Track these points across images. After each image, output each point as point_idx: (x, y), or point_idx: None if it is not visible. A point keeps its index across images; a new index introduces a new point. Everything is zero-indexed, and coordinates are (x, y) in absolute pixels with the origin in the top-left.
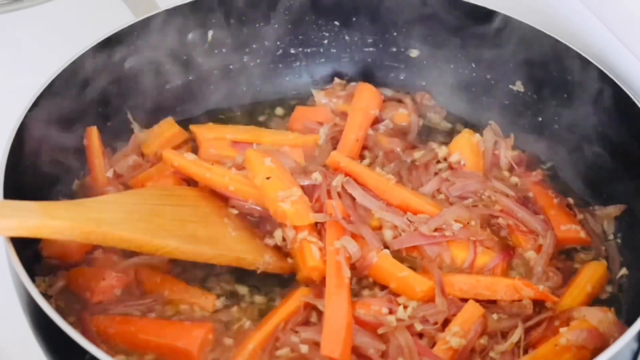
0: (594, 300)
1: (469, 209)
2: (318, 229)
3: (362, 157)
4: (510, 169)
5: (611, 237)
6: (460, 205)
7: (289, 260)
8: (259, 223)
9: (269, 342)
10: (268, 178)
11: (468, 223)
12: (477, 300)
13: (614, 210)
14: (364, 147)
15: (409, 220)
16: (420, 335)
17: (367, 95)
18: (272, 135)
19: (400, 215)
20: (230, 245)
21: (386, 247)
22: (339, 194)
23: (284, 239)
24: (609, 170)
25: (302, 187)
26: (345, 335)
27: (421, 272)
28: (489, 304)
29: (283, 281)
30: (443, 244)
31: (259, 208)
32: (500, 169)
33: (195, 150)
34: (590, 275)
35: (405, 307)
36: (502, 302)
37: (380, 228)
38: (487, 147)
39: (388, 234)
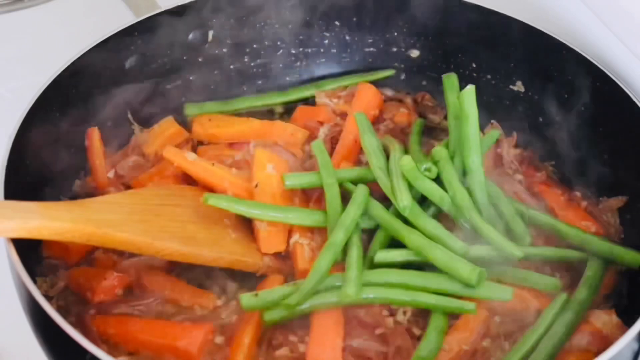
0: (596, 301)
1: None
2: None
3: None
4: (513, 168)
5: (614, 236)
6: None
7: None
8: None
9: (263, 339)
10: (256, 186)
11: None
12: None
13: (615, 202)
14: None
15: None
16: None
17: (367, 96)
18: (270, 126)
19: None
20: (230, 248)
21: None
22: None
23: None
24: (610, 170)
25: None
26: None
27: None
28: (491, 306)
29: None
30: None
31: None
32: (503, 167)
33: (195, 149)
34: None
35: (404, 311)
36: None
37: None
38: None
39: None
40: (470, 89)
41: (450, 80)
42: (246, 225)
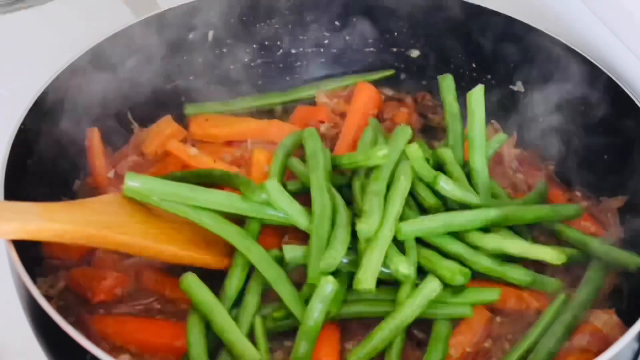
0: (596, 301)
1: None
2: None
3: None
4: (514, 168)
5: (614, 236)
6: None
7: None
8: None
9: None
10: None
11: None
12: None
13: (615, 202)
14: None
15: None
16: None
17: (365, 96)
18: (267, 126)
19: None
20: (229, 250)
21: None
22: None
23: None
24: (610, 170)
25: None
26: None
27: None
28: (493, 307)
29: None
30: None
31: None
32: (503, 167)
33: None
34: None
35: None
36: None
37: None
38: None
39: None
40: (479, 88)
41: (446, 81)
42: None
